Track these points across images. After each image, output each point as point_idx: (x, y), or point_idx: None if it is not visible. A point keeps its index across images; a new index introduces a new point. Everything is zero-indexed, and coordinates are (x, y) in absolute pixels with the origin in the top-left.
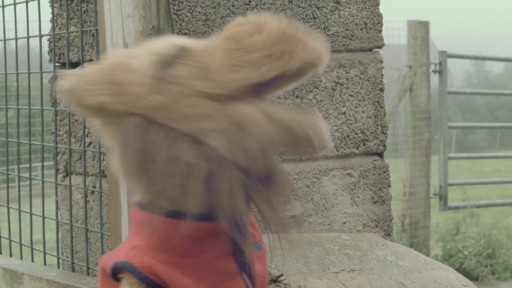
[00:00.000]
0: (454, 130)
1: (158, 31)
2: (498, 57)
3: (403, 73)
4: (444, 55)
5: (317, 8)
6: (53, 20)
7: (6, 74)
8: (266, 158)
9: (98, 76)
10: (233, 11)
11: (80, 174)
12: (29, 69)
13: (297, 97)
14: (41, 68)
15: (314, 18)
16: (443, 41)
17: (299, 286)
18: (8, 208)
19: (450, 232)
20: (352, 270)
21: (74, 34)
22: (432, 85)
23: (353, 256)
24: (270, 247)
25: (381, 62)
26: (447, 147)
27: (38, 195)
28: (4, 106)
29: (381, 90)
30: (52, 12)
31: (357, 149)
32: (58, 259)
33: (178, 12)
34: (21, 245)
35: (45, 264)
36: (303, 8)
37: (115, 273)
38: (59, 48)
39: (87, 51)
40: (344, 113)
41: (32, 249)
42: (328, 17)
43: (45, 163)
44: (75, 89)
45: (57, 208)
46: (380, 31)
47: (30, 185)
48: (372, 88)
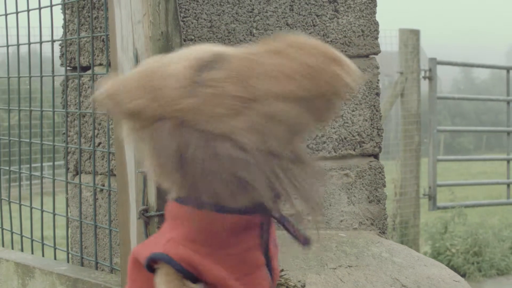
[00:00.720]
0: (443, 134)
1: (167, 37)
2: (485, 64)
3: (395, 79)
4: (434, 62)
5: (317, 16)
6: (65, 26)
7: (19, 78)
8: (295, 141)
9: (134, 81)
10: (237, 19)
11: (90, 173)
12: (41, 73)
13: None
14: (53, 72)
15: (314, 26)
16: (433, 49)
17: (299, 281)
18: (20, 205)
19: (439, 231)
20: (349, 266)
21: (85, 40)
22: (422, 91)
23: (350, 253)
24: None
25: (377, 68)
26: (436, 150)
27: (49, 193)
28: (17, 108)
29: (377, 95)
30: (64, 19)
31: (354, 151)
32: (68, 254)
33: (185, 19)
34: (32, 241)
35: (55, 259)
36: (304, 16)
37: (150, 264)
38: (70, 53)
39: (97, 56)
40: (342, 116)
41: (43, 245)
42: (327, 25)
43: (56, 163)
44: (112, 94)
45: (67, 206)
46: (377, 38)
47: (41, 184)
48: (369, 93)
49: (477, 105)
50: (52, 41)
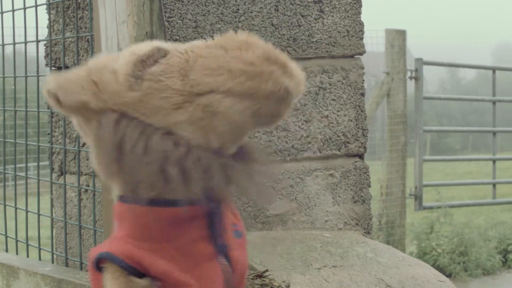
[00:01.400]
0: (429, 134)
1: (151, 37)
2: (471, 65)
3: (381, 79)
4: (420, 62)
5: (302, 16)
6: (50, 26)
7: (4, 78)
8: (238, 136)
9: (79, 77)
10: (222, 19)
11: (74, 173)
12: (26, 73)
13: None
14: (38, 72)
15: (299, 26)
16: (420, 49)
17: (283, 281)
18: (5, 206)
19: (425, 231)
20: (334, 266)
21: (70, 40)
22: (409, 91)
23: (335, 253)
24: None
25: (362, 68)
26: (422, 150)
27: (34, 194)
28: (2, 108)
29: (362, 95)
30: (49, 19)
31: (339, 151)
32: (53, 255)
33: (170, 19)
34: (17, 241)
35: (40, 260)
36: (289, 16)
37: (99, 264)
38: (55, 53)
39: (82, 56)
40: (327, 117)
41: (28, 245)
42: (312, 25)
43: (41, 163)
44: (56, 89)
45: (52, 206)
46: (362, 39)
47: (26, 184)
48: (354, 93)
49: (464, 106)
50: (37, 41)
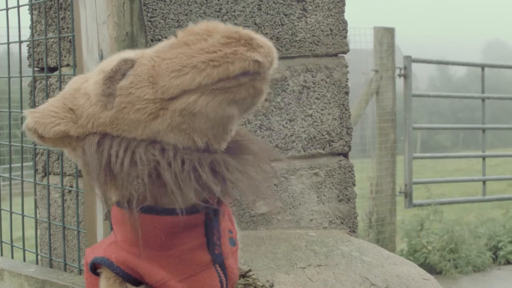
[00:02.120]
0: (419, 131)
1: (132, 38)
2: (460, 62)
3: (370, 77)
4: (409, 60)
5: (285, 15)
6: (32, 27)
7: None
8: (224, 129)
9: (55, 108)
10: (205, 18)
11: (58, 174)
12: (9, 74)
13: (266, 100)
14: (21, 73)
15: (282, 25)
16: (410, 47)
17: (267, 281)
18: None
19: (415, 228)
20: (318, 265)
21: (52, 40)
22: (398, 89)
23: (319, 252)
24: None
25: (346, 67)
26: (412, 148)
27: (18, 195)
28: None
29: (346, 93)
30: (31, 19)
31: (323, 150)
32: (37, 256)
33: (152, 19)
34: (2, 243)
35: (25, 261)
36: (272, 15)
37: (94, 268)
38: (38, 54)
39: (65, 56)
40: (311, 115)
41: (12, 246)
42: (296, 24)
43: (25, 164)
44: (34, 125)
45: (36, 207)
46: (345, 37)
47: (10, 185)
48: (338, 92)
49: (454, 103)
50: (20, 42)
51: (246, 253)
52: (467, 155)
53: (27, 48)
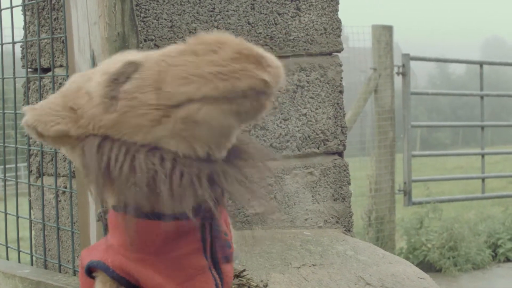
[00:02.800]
0: (419, 129)
1: (123, 38)
2: (458, 59)
3: (368, 75)
4: (407, 58)
5: (279, 15)
6: (25, 28)
7: None
8: (224, 138)
9: (55, 106)
10: (198, 18)
11: (52, 175)
12: (3, 75)
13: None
14: (14, 74)
15: (276, 24)
16: (409, 44)
17: (261, 281)
18: None
19: (414, 226)
20: (313, 265)
21: (45, 41)
22: (396, 87)
23: (314, 251)
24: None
25: (340, 66)
26: (411, 145)
27: (13, 195)
28: None
29: (341, 92)
30: (24, 20)
31: (318, 149)
32: (32, 257)
33: (145, 19)
34: None
35: (20, 262)
36: (265, 15)
37: (90, 271)
38: (31, 54)
39: (58, 57)
40: (305, 115)
41: (7, 247)
42: (289, 23)
43: (19, 165)
44: (33, 122)
45: (31, 208)
46: (339, 36)
47: (5, 186)
48: (332, 91)
49: (453, 100)
50: (13, 43)
51: (241, 253)
52: (466, 153)
53: (21, 49)
